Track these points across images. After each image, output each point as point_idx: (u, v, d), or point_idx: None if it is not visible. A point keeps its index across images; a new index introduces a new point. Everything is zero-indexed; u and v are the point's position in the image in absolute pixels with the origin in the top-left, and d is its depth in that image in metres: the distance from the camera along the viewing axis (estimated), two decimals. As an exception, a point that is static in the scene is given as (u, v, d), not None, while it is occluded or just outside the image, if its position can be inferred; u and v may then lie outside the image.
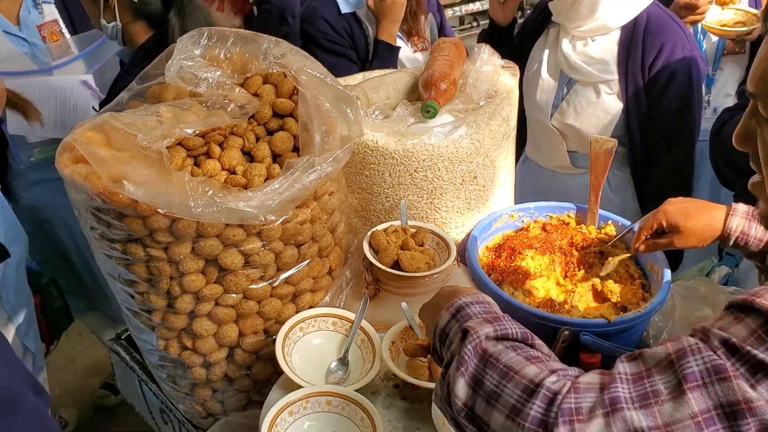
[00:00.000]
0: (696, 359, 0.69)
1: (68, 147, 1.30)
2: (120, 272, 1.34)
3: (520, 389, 0.78)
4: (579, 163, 2.13)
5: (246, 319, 1.37)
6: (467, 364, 0.84)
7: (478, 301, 0.98)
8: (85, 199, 1.26)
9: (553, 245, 1.68)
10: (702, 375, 0.68)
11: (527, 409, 0.76)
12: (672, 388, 0.70)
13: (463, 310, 0.96)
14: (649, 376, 0.73)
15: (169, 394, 1.54)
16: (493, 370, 0.82)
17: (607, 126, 2.03)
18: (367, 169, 1.59)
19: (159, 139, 1.21)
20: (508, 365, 0.81)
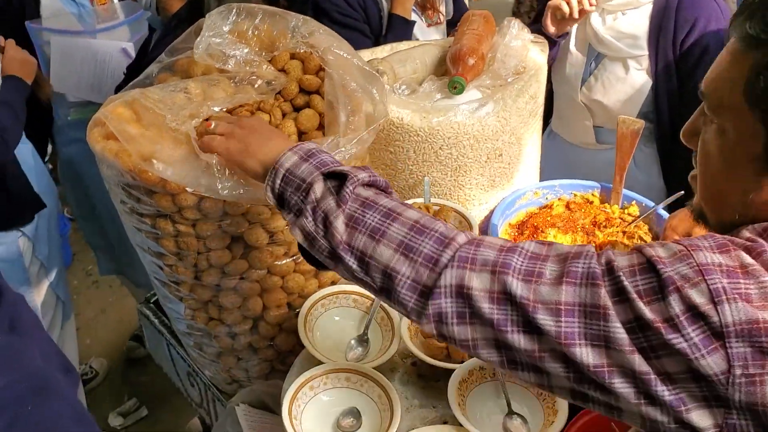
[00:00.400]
0: (584, 262, 0.77)
1: (99, 122, 1.32)
2: (149, 245, 1.38)
3: (407, 228, 0.88)
4: (605, 138, 2.11)
5: (270, 293, 1.41)
6: (348, 204, 0.93)
7: (323, 150, 1.03)
8: (116, 174, 1.29)
9: (576, 224, 1.69)
10: (581, 276, 0.76)
11: (421, 247, 0.85)
12: (555, 276, 0.77)
13: (315, 155, 1.00)
14: (544, 260, 0.80)
15: (195, 360, 1.60)
16: (373, 210, 0.91)
17: (635, 102, 2.00)
18: (392, 146, 1.60)
19: (187, 119, 1.22)
20: (388, 207, 0.91)
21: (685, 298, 0.71)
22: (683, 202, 1.65)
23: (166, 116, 1.21)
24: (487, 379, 1.26)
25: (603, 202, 1.76)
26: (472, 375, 1.25)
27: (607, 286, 0.75)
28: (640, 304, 0.73)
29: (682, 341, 0.70)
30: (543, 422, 1.20)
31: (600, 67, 2.03)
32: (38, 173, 2.24)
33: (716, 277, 0.71)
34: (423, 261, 0.85)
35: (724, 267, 0.72)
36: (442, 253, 0.84)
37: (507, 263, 0.80)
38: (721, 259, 0.73)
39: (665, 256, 0.75)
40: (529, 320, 0.77)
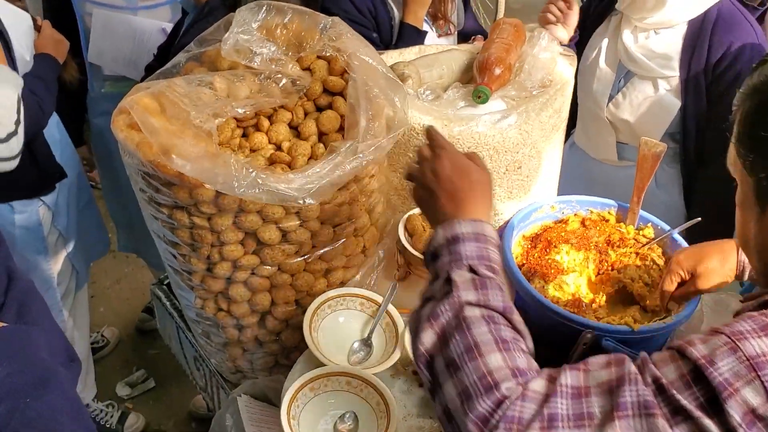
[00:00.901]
0: (631, 390, 0.73)
1: (124, 110, 1.34)
2: (165, 233, 1.40)
3: (478, 376, 0.81)
4: (627, 155, 2.10)
5: (279, 290, 1.43)
6: (441, 319, 0.87)
7: (477, 234, 0.96)
8: (136, 163, 1.31)
9: (590, 242, 1.69)
10: (632, 406, 0.73)
11: (477, 402, 0.80)
12: (605, 413, 0.74)
13: (458, 243, 0.94)
14: (587, 395, 0.77)
15: (202, 347, 1.63)
16: (461, 337, 0.85)
17: (662, 122, 1.99)
18: (411, 151, 1.60)
19: (211, 118, 1.24)
20: (476, 341, 0.84)
21: (743, 401, 0.70)
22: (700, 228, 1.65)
23: (190, 113, 1.23)
24: (485, 395, 1.27)
25: (619, 221, 1.76)
26: (470, 389, 1.26)
27: (663, 408, 0.73)
28: (704, 420, 0.71)
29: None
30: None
31: (629, 85, 2.01)
32: (63, 144, 2.28)
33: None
34: (475, 419, 0.80)
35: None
36: (494, 414, 0.79)
37: (553, 415, 0.77)
38: None
39: (708, 354, 0.73)
40: None
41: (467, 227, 0.96)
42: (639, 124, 2.01)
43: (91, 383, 2.72)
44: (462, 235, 0.95)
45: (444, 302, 0.88)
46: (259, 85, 1.45)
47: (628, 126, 2.04)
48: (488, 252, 0.96)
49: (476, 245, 0.95)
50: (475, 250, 0.94)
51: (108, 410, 2.78)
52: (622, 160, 2.12)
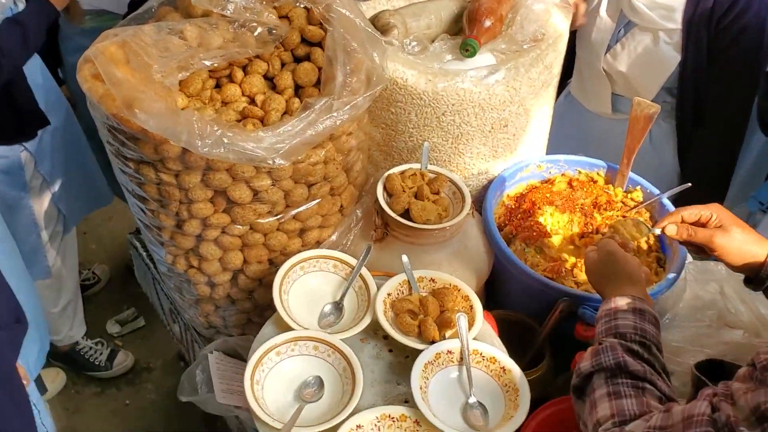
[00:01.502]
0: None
1: (89, 59, 1.28)
2: (133, 188, 1.36)
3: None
4: (622, 107, 2.02)
5: (251, 249, 1.39)
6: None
7: (635, 309, 1.12)
8: (101, 116, 1.26)
9: (575, 204, 1.64)
10: None
11: None
12: None
13: (645, 312, 1.12)
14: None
15: (175, 301, 1.61)
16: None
17: (659, 76, 1.91)
18: (394, 106, 1.54)
19: (175, 71, 1.18)
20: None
21: None
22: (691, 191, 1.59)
23: (152, 66, 1.17)
24: (454, 363, 1.26)
25: (607, 183, 1.71)
26: (439, 357, 1.24)
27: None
28: None
29: None
30: (503, 414, 1.19)
31: (629, 36, 1.92)
32: (46, 90, 2.20)
33: None
34: None
35: None
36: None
37: None
38: None
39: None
40: None
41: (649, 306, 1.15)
42: (636, 76, 1.93)
43: (80, 321, 2.73)
44: (647, 314, 1.13)
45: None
46: (233, 33, 1.38)
47: (625, 78, 1.97)
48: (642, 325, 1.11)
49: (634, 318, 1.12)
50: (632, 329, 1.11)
51: (97, 348, 2.80)
52: (616, 113, 2.05)
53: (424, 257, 1.45)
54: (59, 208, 2.38)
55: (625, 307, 1.12)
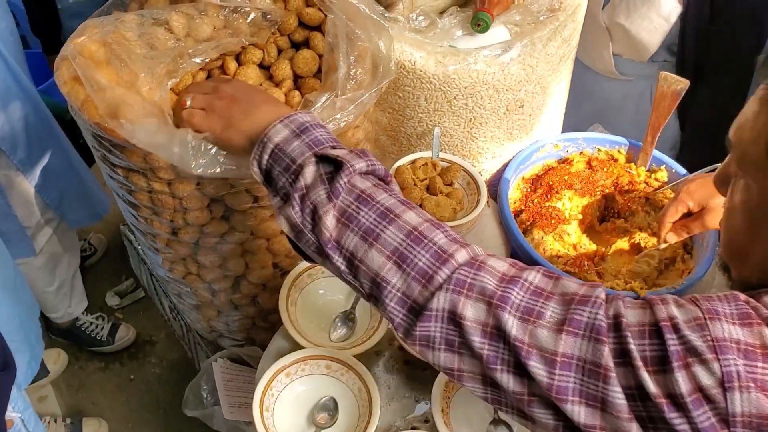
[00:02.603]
0: (590, 312, 0.70)
1: (68, 58, 1.16)
2: (124, 194, 1.26)
3: (404, 234, 0.78)
4: (623, 68, 1.90)
5: (254, 255, 1.30)
6: (340, 197, 0.82)
7: (318, 123, 0.91)
8: (84, 122, 1.15)
9: (595, 186, 1.54)
10: (584, 327, 0.69)
11: (416, 259, 0.77)
12: (556, 321, 0.71)
13: (309, 131, 0.88)
14: (547, 299, 0.72)
15: (176, 304, 1.52)
16: (369, 207, 0.81)
17: (659, 31, 1.76)
18: (401, 91, 1.42)
19: (164, 79, 1.06)
20: (385, 206, 0.81)
21: (693, 377, 0.64)
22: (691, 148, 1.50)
23: (139, 75, 1.05)
24: (475, 378, 1.18)
25: (629, 162, 1.60)
26: (460, 373, 1.17)
27: (611, 344, 0.68)
28: (643, 372, 0.66)
29: (684, 423, 0.64)
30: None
31: None
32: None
33: (731, 358, 0.64)
34: (416, 275, 0.76)
35: (743, 345, 0.64)
36: (438, 271, 0.75)
37: (505, 297, 0.72)
38: (740, 334, 0.65)
39: (679, 320, 0.66)
40: (520, 363, 0.71)
41: (307, 117, 0.91)
42: (635, 31, 1.79)
43: (78, 298, 2.65)
44: (308, 123, 0.90)
45: (339, 177, 0.82)
46: (224, 20, 1.26)
47: (624, 33, 1.82)
48: (334, 136, 0.91)
49: (324, 131, 0.90)
50: (327, 134, 0.90)
51: (98, 322, 2.73)
52: (619, 75, 1.92)
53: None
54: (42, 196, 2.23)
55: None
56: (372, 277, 0.79)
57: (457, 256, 0.76)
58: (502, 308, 0.71)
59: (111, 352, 2.74)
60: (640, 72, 1.90)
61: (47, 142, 2.08)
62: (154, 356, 2.79)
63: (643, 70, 1.89)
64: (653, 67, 1.86)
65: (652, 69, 1.86)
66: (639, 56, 1.85)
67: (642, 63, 1.87)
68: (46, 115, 2.05)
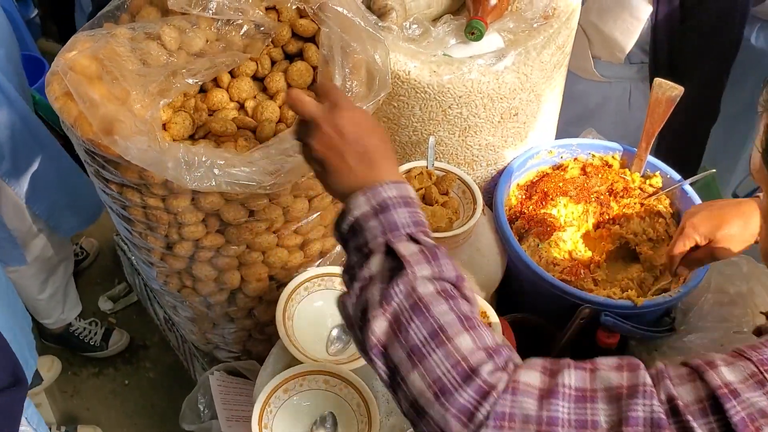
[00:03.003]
0: (644, 404, 0.66)
1: (59, 74, 1.15)
2: (117, 209, 1.25)
3: (451, 363, 0.71)
4: (602, 71, 1.90)
5: (249, 268, 1.29)
6: (393, 302, 0.75)
7: (404, 198, 0.82)
8: (77, 138, 1.13)
9: (590, 192, 1.54)
10: (644, 422, 0.65)
11: (457, 394, 0.70)
12: (612, 424, 0.66)
13: (388, 210, 0.80)
14: (593, 399, 0.68)
15: (171, 316, 1.52)
16: (422, 321, 0.74)
17: (632, 31, 1.74)
18: (396, 100, 1.42)
19: (156, 99, 1.05)
20: (439, 323, 0.73)
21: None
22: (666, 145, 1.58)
23: (130, 93, 1.04)
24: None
25: (623, 167, 1.60)
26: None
27: (674, 430, 0.65)
28: None
29: None
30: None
31: None
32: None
33: None
34: (456, 413, 0.69)
35: None
36: (479, 407, 0.69)
37: (553, 418, 0.67)
38: None
39: (735, 384, 0.64)
40: None
41: (393, 191, 0.81)
42: (609, 31, 1.78)
43: (72, 304, 2.62)
44: (390, 200, 0.81)
45: (396, 282, 0.75)
46: (216, 33, 1.25)
47: (599, 34, 1.80)
48: (420, 217, 0.83)
49: (408, 210, 0.81)
50: (408, 215, 0.81)
51: (91, 328, 2.71)
52: (598, 76, 1.92)
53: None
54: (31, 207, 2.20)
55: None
56: (411, 401, 0.72)
57: (499, 386, 0.70)
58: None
59: (104, 357, 2.73)
60: (618, 74, 1.90)
61: (35, 152, 2.04)
62: (148, 361, 2.78)
63: (621, 72, 1.89)
64: (631, 69, 1.86)
65: (630, 71, 1.86)
66: (615, 57, 1.85)
67: (620, 65, 1.87)
68: (34, 124, 2.01)
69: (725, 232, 1.24)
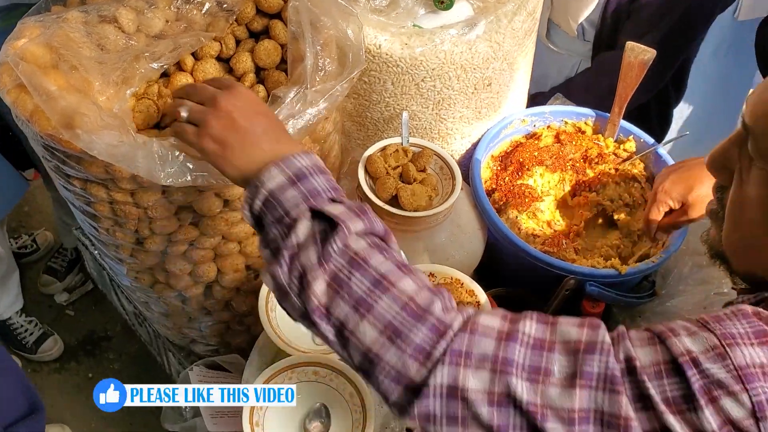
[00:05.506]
0: (600, 360, 0.67)
1: (8, 65, 1.06)
2: (81, 205, 1.17)
3: (400, 306, 0.72)
4: (554, 40, 1.88)
5: (226, 259, 1.24)
6: (332, 260, 0.75)
7: (318, 167, 0.83)
8: (34, 133, 1.05)
9: (565, 160, 1.52)
10: (597, 377, 0.66)
11: (412, 335, 0.71)
12: (565, 375, 0.67)
13: (306, 178, 0.80)
14: (550, 349, 0.69)
15: (142, 312, 1.45)
16: (363, 274, 0.74)
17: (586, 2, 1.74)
18: (367, 76, 1.36)
19: (121, 85, 0.98)
20: (380, 272, 0.74)
21: (722, 411, 0.62)
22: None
23: (94, 85, 0.96)
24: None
25: (596, 133, 1.59)
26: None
27: (628, 390, 0.65)
28: (668, 415, 0.63)
29: None
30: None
31: None
32: None
33: (758, 386, 0.62)
34: (413, 352, 0.70)
35: (767, 369, 0.63)
36: (436, 346, 0.70)
37: (509, 359, 0.68)
38: (762, 357, 0.63)
39: (697, 353, 0.64)
40: (536, 427, 0.66)
41: (306, 160, 0.82)
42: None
43: (11, 300, 2.48)
44: (306, 169, 0.81)
45: (332, 240, 0.75)
46: (176, 12, 1.17)
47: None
48: (335, 183, 0.84)
49: (324, 177, 0.82)
50: (326, 182, 0.82)
51: (29, 327, 2.56)
52: (551, 44, 1.90)
53: (416, 245, 1.32)
54: None
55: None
56: (364, 352, 0.73)
57: (454, 324, 0.71)
58: (508, 372, 0.67)
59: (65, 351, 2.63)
60: (569, 47, 1.89)
61: None
62: (111, 351, 2.70)
63: (574, 46, 1.87)
64: (585, 46, 1.84)
65: (584, 47, 1.84)
66: (569, 27, 1.82)
67: (574, 40, 1.85)
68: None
69: (697, 194, 1.25)
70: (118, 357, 2.68)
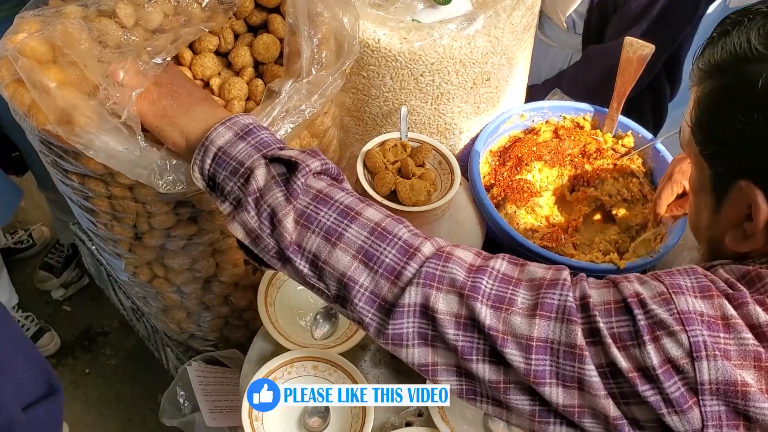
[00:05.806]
0: (560, 294, 0.71)
1: (6, 60, 1.05)
2: (78, 200, 1.17)
3: (368, 232, 0.77)
4: (547, 32, 1.87)
5: (225, 254, 1.24)
6: (299, 197, 0.79)
7: (262, 125, 0.87)
8: (32, 128, 1.05)
9: (564, 156, 1.52)
10: (556, 309, 0.70)
11: (383, 256, 0.75)
12: (528, 306, 0.71)
13: (254, 132, 0.85)
14: (516, 285, 0.73)
15: (140, 307, 1.45)
16: (329, 207, 0.79)
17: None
18: (365, 70, 1.36)
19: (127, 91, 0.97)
20: (344, 204, 0.79)
21: (662, 349, 0.66)
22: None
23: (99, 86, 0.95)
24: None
25: (594, 128, 1.59)
26: (451, 363, 1.14)
27: (581, 324, 0.69)
28: (614, 349, 0.67)
29: (656, 395, 0.66)
30: (525, 420, 1.11)
31: None
32: None
33: (697, 329, 0.66)
34: (384, 272, 0.75)
35: (706, 317, 0.67)
36: (406, 266, 0.74)
37: (476, 286, 0.72)
38: (702, 307, 0.68)
39: (645, 296, 0.68)
40: (496, 351, 0.71)
41: (249, 119, 0.87)
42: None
43: (5, 295, 2.49)
44: (251, 125, 0.86)
45: (295, 178, 0.79)
46: (175, 6, 1.17)
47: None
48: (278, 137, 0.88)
49: (268, 132, 0.87)
50: (271, 135, 0.87)
51: (25, 323, 2.56)
52: (542, 35, 1.90)
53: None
54: None
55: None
56: (338, 278, 0.76)
57: (424, 249, 0.75)
58: (474, 298, 0.71)
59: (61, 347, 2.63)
60: (561, 39, 1.88)
61: None
62: (108, 347, 2.69)
63: (565, 39, 1.87)
64: (575, 39, 1.83)
65: (575, 40, 1.84)
66: (559, 19, 1.82)
67: (565, 33, 1.85)
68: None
69: None
70: (115, 353, 2.68)
